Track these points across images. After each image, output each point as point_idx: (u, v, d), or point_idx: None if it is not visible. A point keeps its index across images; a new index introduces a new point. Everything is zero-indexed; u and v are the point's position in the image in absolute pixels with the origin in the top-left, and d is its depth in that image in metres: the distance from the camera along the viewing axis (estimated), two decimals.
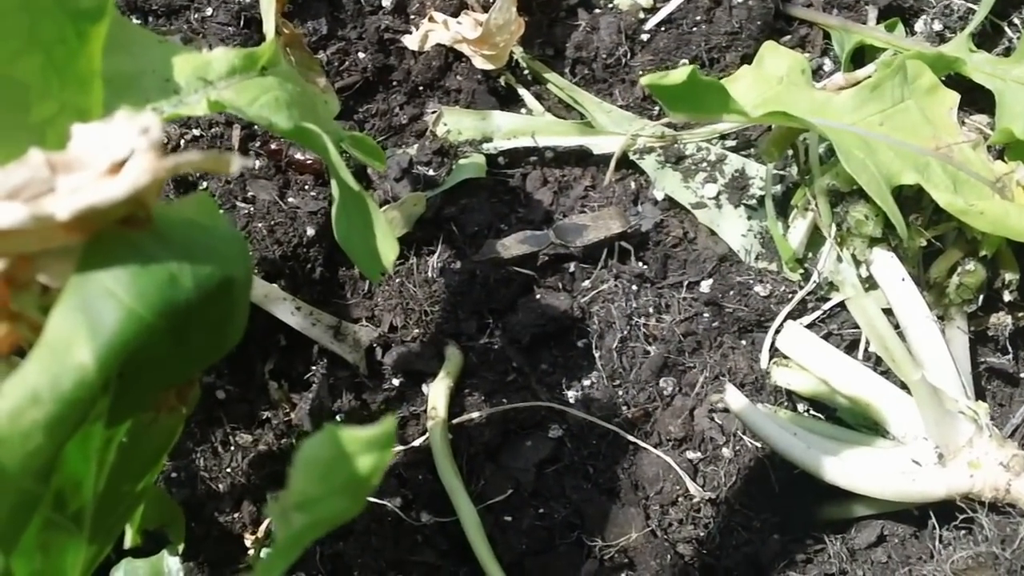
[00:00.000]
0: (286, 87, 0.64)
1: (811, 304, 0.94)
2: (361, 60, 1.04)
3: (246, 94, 0.60)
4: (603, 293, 0.95)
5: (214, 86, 0.60)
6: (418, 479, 0.87)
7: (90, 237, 0.41)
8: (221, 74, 0.61)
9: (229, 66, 0.62)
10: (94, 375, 0.39)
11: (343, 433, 0.37)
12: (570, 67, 1.10)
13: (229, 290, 0.46)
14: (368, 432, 0.37)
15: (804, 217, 0.93)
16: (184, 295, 0.42)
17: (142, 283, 0.41)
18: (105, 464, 0.50)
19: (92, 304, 0.40)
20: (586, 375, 0.92)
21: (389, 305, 0.94)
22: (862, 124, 0.78)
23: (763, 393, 0.91)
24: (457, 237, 0.98)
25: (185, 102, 0.59)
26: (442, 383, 0.89)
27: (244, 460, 0.88)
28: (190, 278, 0.42)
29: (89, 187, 0.39)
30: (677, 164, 1.01)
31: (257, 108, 0.60)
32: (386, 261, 0.63)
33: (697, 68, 0.69)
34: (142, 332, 0.41)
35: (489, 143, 1.03)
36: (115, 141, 0.40)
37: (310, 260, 0.94)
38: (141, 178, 0.39)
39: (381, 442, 0.37)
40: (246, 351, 0.92)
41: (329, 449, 0.37)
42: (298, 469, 0.38)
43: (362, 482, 0.37)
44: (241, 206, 0.94)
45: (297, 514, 0.37)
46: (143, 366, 0.46)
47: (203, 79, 0.60)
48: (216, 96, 0.59)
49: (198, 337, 0.47)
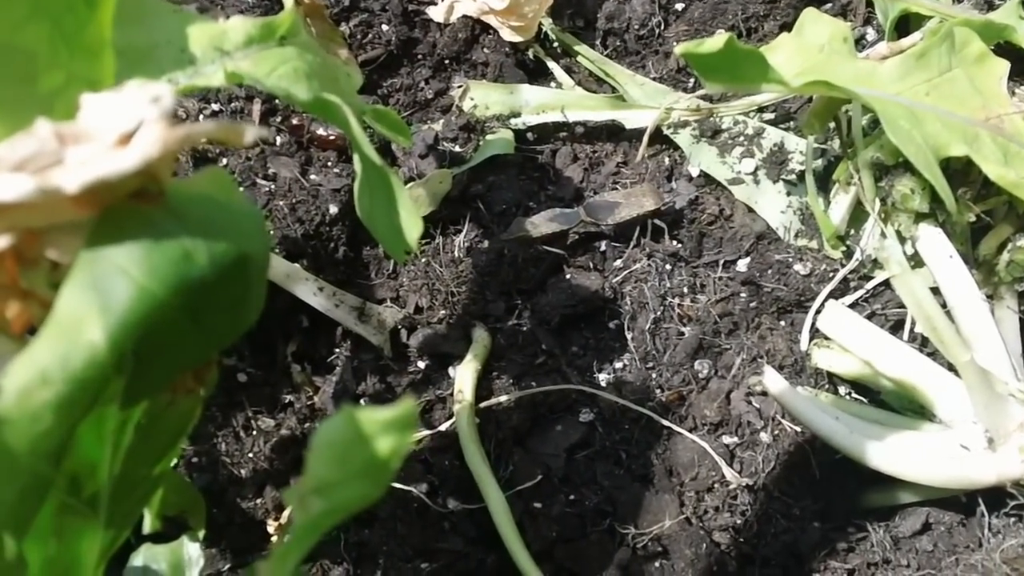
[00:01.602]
0: (306, 58, 0.63)
1: (853, 283, 0.93)
2: (385, 33, 1.04)
3: (264, 65, 0.60)
4: (636, 272, 0.94)
5: (231, 56, 0.59)
6: (444, 465, 0.86)
7: (100, 212, 0.40)
8: (238, 44, 0.60)
9: (246, 36, 0.61)
10: (105, 354, 0.39)
11: (361, 414, 0.37)
12: (601, 39, 1.09)
13: (245, 267, 0.45)
14: (387, 413, 0.37)
15: (846, 192, 0.92)
16: (198, 272, 0.41)
17: (155, 259, 0.40)
18: (121, 447, 0.50)
19: (103, 281, 0.39)
20: (618, 357, 0.91)
21: (415, 286, 0.93)
22: (908, 94, 0.76)
23: (803, 376, 0.89)
24: (484, 215, 0.97)
25: (201, 73, 0.58)
26: (469, 366, 0.88)
27: (266, 445, 0.87)
28: (205, 254, 0.42)
29: (98, 159, 0.38)
30: (713, 138, 1.00)
31: (275, 79, 0.59)
32: (410, 239, 0.61)
33: (734, 36, 0.68)
34: (155, 310, 0.41)
35: (517, 118, 1.03)
36: (125, 111, 0.39)
37: (333, 239, 0.94)
38: (152, 149, 0.38)
39: (401, 423, 0.37)
40: (268, 333, 0.92)
41: (346, 431, 0.36)
42: (315, 452, 0.37)
43: (382, 466, 0.37)
44: (261, 183, 0.93)
45: (315, 499, 0.37)
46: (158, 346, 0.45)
47: (219, 49, 0.59)
48: (233, 67, 0.58)
49: (214, 316, 0.47)
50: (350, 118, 0.57)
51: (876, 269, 0.92)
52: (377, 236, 0.64)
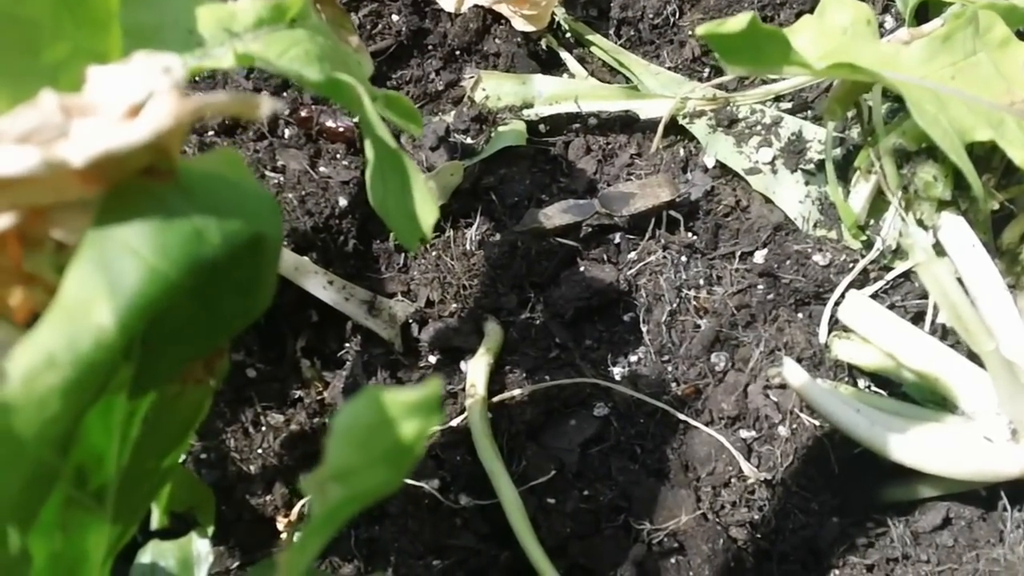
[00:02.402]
0: (316, 40, 0.61)
1: (873, 274, 0.91)
2: (395, 23, 1.03)
3: (275, 46, 0.58)
4: (651, 265, 0.92)
5: (240, 38, 0.58)
6: (456, 460, 0.85)
7: (108, 189, 0.39)
8: (247, 26, 0.59)
9: (256, 17, 0.59)
10: (114, 337, 0.37)
11: (386, 396, 0.35)
12: (615, 28, 1.07)
13: (259, 248, 0.44)
14: (413, 394, 0.35)
15: (867, 180, 0.90)
16: (211, 252, 0.40)
17: (165, 238, 0.39)
18: (128, 438, 0.48)
19: (111, 261, 0.38)
20: (633, 350, 0.90)
21: (426, 279, 0.92)
22: (933, 77, 0.74)
23: (822, 368, 0.88)
24: (496, 208, 0.96)
25: (210, 55, 0.56)
26: (481, 360, 0.87)
27: (276, 441, 0.86)
28: (217, 234, 0.40)
29: (106, 132, 0.37)
30: (729, 128, 0.99)
31: (287, 61, 0.57)
32: (425, 227, 0.60)
33: (757, 16, 0.66)
34: (166, 291, 0.39)
35: (530, 109, 1.01)
36: (134, 83, 0.38)
37: (343, 232, 0.92)
38: (162, 121, 0.37)
39: (427, 406, 0.35)
40: (277, 327, 0.90)
41: (370, 414, 0.35)
42: (336, 436, 0.35)
43: (405, 450, 0.35)
44: (270, 176, 0.92)
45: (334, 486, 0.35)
46: (168, 331, 0.44)
47: (228, 31, 0.58)
48: (243, 48, 0.57)
49: (226, 299, 0.45)
50: (364, 98, 0.56)
51: (897, 259, 0.91)
52: (390, 224, 0.62)
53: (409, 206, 0.60)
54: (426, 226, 0.60)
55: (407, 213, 0.61)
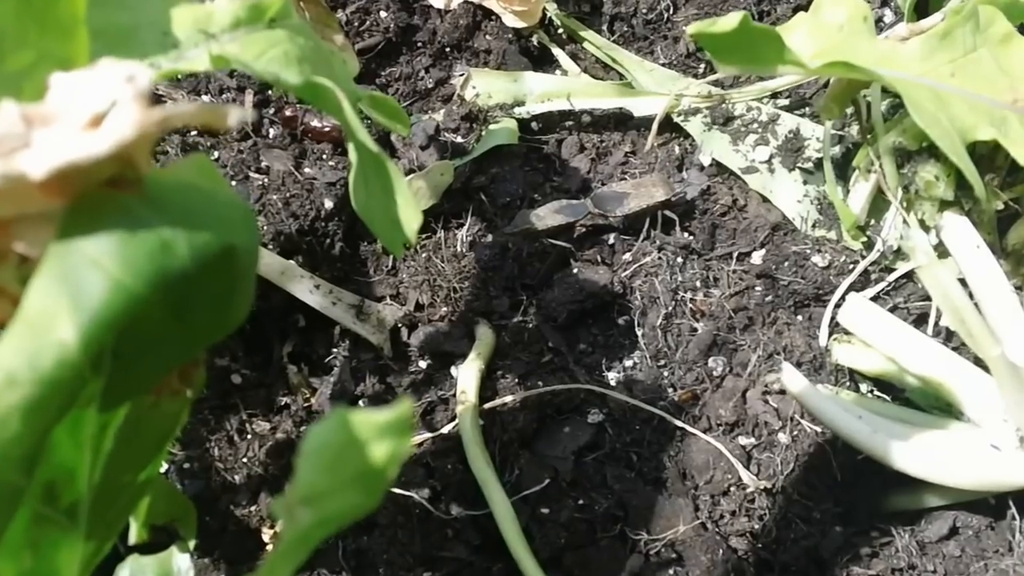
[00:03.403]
0: (297, 41, 0.61)
1: (874, 275, 0.91)
2: (383, 19, 1.02)
3: (253, 48, 0.57)
4: (646, 266, 0.92)
5: (217, 39, 0.57)
6: (447, 469, 0.84)
7: (72, 200, 0.38)
8: (224, 26, 0.58)
9: (233, 18, 0.58)
10: (78, 353, 0.37)
11: (354, 417, 0.34)
12: (608, 24, 1.07)
13: (231, 259, 0.43)
14: (383, 416, 0.34)
15: (866, 180, 0.89)
16: (179, 264, 0.39)
17: (131, 251, 0.38)
18: (101, 453, 0.48)
19: (74, 275, 0.37)
20: (628, 355, 0.89)
21: (415, 282, 0.92)
22: (932, 75, 0.73)
23: (822, 373, 0.87)
24: (487, 208, 0.96)
25: (185, 57, 0.56)
26: (472, 365, 0.86)
27: (261, 449, 0.85)
28: (185, 245, 0.39)
29: (68, 142, 0.36)
30: (725, 126, 0.98)
31: (265, 63, 0.57)
32: (409, 231, 0.59)
33: (749, 14, 0.65)
34: (132, 306, 0.38)
35: (521, 107, 1.01)
36: (97, 91, 0.37)
37: (329, 234, 0.92)
38: (126, 131, 0.36)
39: (398, 427, 0.34)
40: (262, 333, 0.90)
41: (338, 435, 0.34)
42: (304, 458, 0.35)
43: (377, 473, 0.34)
44: (254, 177, 0.91)
45: (304, 510, 0.34)
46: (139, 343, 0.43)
47: (205, 32, 0.57)
48: (220, 50, 0.56)
49: (199, 311, 0.45)
50: (343, 103, 0.55)
51: (898, 260, 0.90)
52: (374, 229, 0.62)
53: (392, 211, 0.60)
54: (410, 231, 0.59)
55: (391, 218, 0.60)
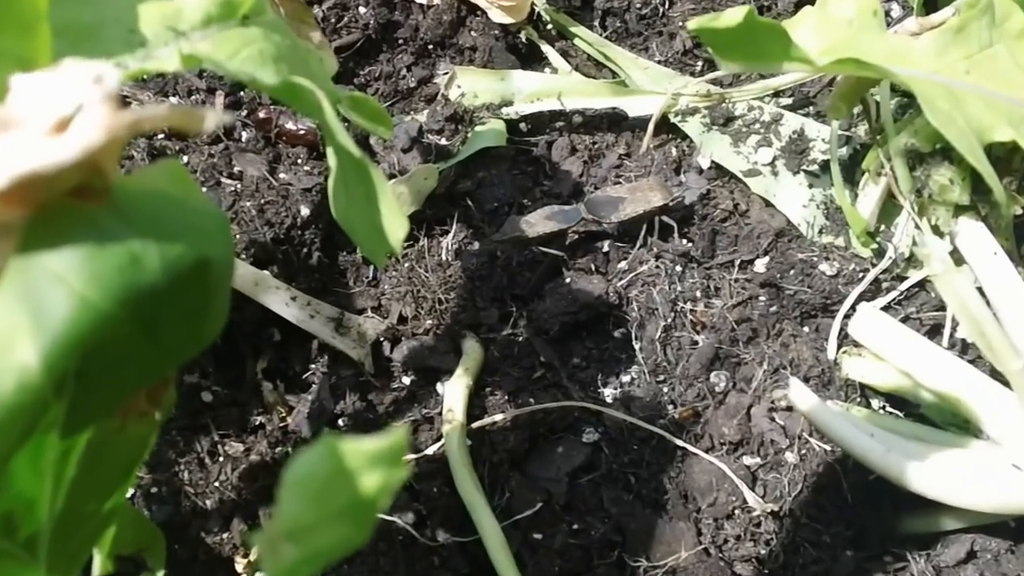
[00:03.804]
0: (272, 39, 0.60)
1: (885, 284, 0.90)
2: (362, 15, 1.02)
3: (225, 46, 0.57)
4: (643, 275, 0.91)
5: (187, 37, 0.56)
6: (433, 492, 0.83)
7: (35, 211, 0.38)
8: (195, 24, 0.57)
9: (205, 15, 0.58)
10: (40, 377, 0.36)
11: (344, 445, 0.34)
12: (600, 19, 1.07)
13: (205, 272, 0.42)
14: (374, 444, 0.34)
15: (876, 183, 0.89)
16: (149, 279, 0.38)
17: (97, 266, 0.38)
18: (63, 481, 0.47)
19: (37, 292, 0.36)
20: (625, 370, 0.88)
21: (398, 293, 0.91)
22: (946, 72, 0.73)
23: (832, 388, 0.87)
24: (474, 215, 0.95)
25: (153, 56, 0.55)
26: (459, 381, 0.86)
27: (234, 472, 0.84)
28: (156, 259, 0.39)
29: (30, 149, 0.35)
30: (725, 126, 0.98)
31: (238, 62, 0.56)
32: (393, 240, 0.58)
33: (754, 8, 0.65)
34: (98, 324, 0.38)
35: (509, 107, 1.01)
36: (62, 94, 0.36)
37: (306, 243, 0.91)
38: (93, 137, 0.36)
39: (391, 456, 0.34)
40: (236, 348, 0.89)
41: (326, 465, 0.33)
42: (288, 489, 0.34)
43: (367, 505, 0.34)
44: (226, 183, 0.91)
45: (288, 545, 0.34)
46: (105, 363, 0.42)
47: (174, 29, 0.56)
48: (190, 49, 0.55)
49: (170, 327, 0.44)
50: (323, 103, 0.54)
51: (910, 268, 0.90)
52: (355, 238, 0.61)
53: (375, 219, 0.59)
54: (394, 240, 0.58)
55: (373, 226, 0.59)
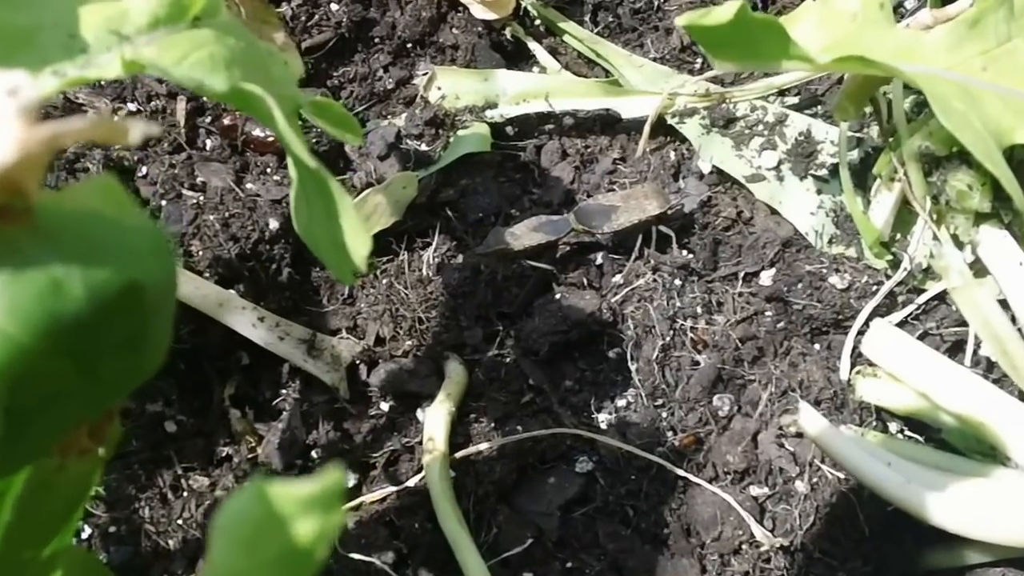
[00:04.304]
0: (226, 42, 0.59)
1: (901, 298, 0.90)
2: (334, 13, 1.01)
3: (172, 50, 0.56)
4: (639, 290, 0.90)
5: (131, 41, 0.56)
6: (414, 528, 0.83)
7: None
8: (140, 27, 0.57)
9: (151, 17, 0.57)
10: None
11: (275, 490, 0.33)
12: (591, 14, 1.07)
13: (138, 298, 0.42)
14: (307, 488, 0.33)
15: (890, 189, 0.88)
16: (72, 307, 0.38)
17: (16, 294, 0.37)
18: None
19: None
20: (620, 393, 0.88)
21: (375, 312, 0.91)
22: (961, 69, 0.72)
23: (845, 411, 0.86)
24: (457, 226, 0.95)
25: (94, 63, 0.54)
26: (441, 407, 0.85)
27: (199, 509, 0.84)
28: (80, 285, 0.38)
29: None
30: (726, 128, 0.98)
31: (186, 67, 0.55)
32: (357, 258, 0.57)
33: (748, 4, 0.65)
34: (20, 358, 0.37)
35: (494, 109, 1.00)
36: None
37: (275, 259, 0.91)
38: (8, 154, 0.35)
39: (326, 500, 0.33)
40: (200, 373, 0.89)
41: (256, 510, 0.33)
42: (218, 536, 0.33)
43: (303, 554, 0.33)
44: (188, 195, 0.90)
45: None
46: (36, 399, 0.42)
47: (117, 33, 0.56)
48: (133, 54, 0.55)
49: (106, 359, 0.43)
50: (275, 112, 0.54)
51: (928, 280, 0.89)
52: (319, 255, 0.61)
53: (338, 236, 0.58)
54: (358, 259, 0.58)
55: (335, 243, 0.59)
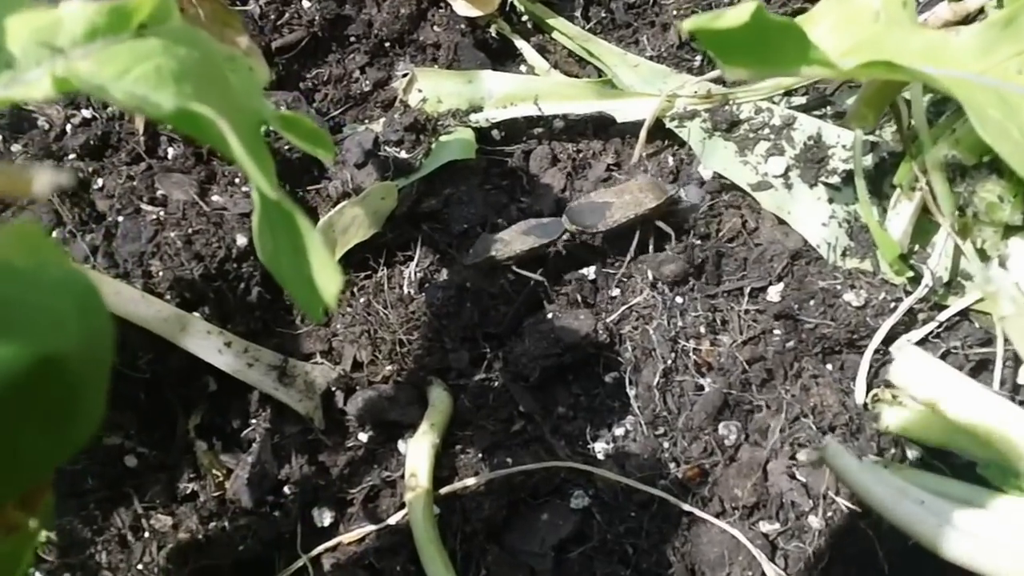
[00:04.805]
0: (176, 53, 0.53)
1: (922, 315, 0.86)
2: (306, 10, 0.99)
3: (112, 64, 0.50)
4: (637, 308, 0.88)
5: (65, 55, 0.49)
6: (396, 571, 0.79)
7: None
8: (77, 38, 0.50)
9: (89, 26, 0.51)
10: None
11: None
12: (582, 9, 1.05)
13: (58, 370, 0.36)
14: None
15: (910, 199, 0.85)
16: None
17: None
18: None
19: None
20: (619, 421, 0.85)
21: (352, 334, 0.87)
22: (994, 73, 0.67)
23: (861, 438, 0.83)
24: (440, 239, 0.92)
25: (20, 80, 0.48)
26: (425, 438, 0.82)
27: (161, 552, 0.80)
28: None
29: None
30: (730, 132, 0.94)
31: (128, 83, 0.49)
32: (327, 296, 0.53)
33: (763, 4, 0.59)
34: None
35: (479, 113, 0.97)
36: None
37: (243, 278, 0.87)
38: None
39: None
40: (163, 402, 0.85)
41: None
42: None
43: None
44: (147, 210, 0.86)
45: None
46: None
47: (49, 45, 0.50)
48: (65, 69, 0.48)
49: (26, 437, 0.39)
50: (229, 138, 0.47)
51: (950, 296, 0.85)
52: (285, 287, 0.57)
53: (305, 270, 0.53)
54: (328, 296, 0.53)
55: (303, 278, 0.54)
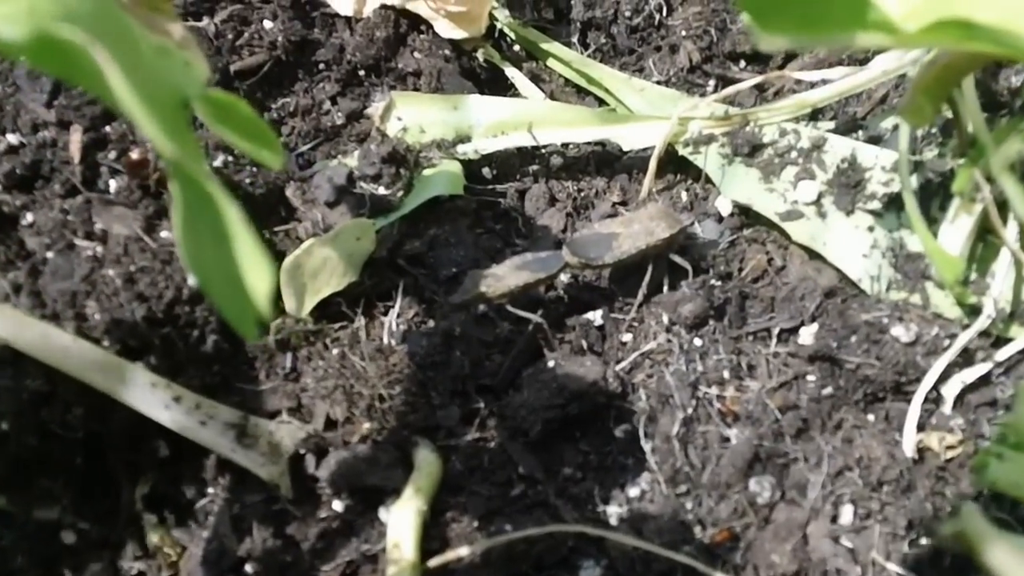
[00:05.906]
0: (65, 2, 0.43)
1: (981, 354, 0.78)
2: (268, 31, 0.96)
3: None
4: (651, 353, 0.82)
5: None
6: None
7: None
8: None
9: None
10: None
11: None
12: (579, 34, 1.05)
13: None
14: None
15: (969, 212, 0.78)
16: None
17: None
18: None
19: None
20: (633, 480, 0.79)
21: (324, 388, 0.81)
22: None
23: (912, 496, 0.76)
24: (425, 285, 0.87)
25: None
26: (410, 504, 0.77)
27: None
28: None
29: None
30: (752, 156, 0.88)
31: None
32: (256, 294, 0.44)
33: None
34: None
35: (466, 144, 0.94)
36: None
37: (196, 324, 0.80)
38: None
39: None
40: (104, 468, 0.79)
41: None
42: None
43: None
44: (82, 245, 0.79)
45: None
46: None
47: None
48: None
49: None
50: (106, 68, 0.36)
51: (1013, 326, 0.78)
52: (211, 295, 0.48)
53: (229, 266, 0.44)
54: (258, 296, 0.44)
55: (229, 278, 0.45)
